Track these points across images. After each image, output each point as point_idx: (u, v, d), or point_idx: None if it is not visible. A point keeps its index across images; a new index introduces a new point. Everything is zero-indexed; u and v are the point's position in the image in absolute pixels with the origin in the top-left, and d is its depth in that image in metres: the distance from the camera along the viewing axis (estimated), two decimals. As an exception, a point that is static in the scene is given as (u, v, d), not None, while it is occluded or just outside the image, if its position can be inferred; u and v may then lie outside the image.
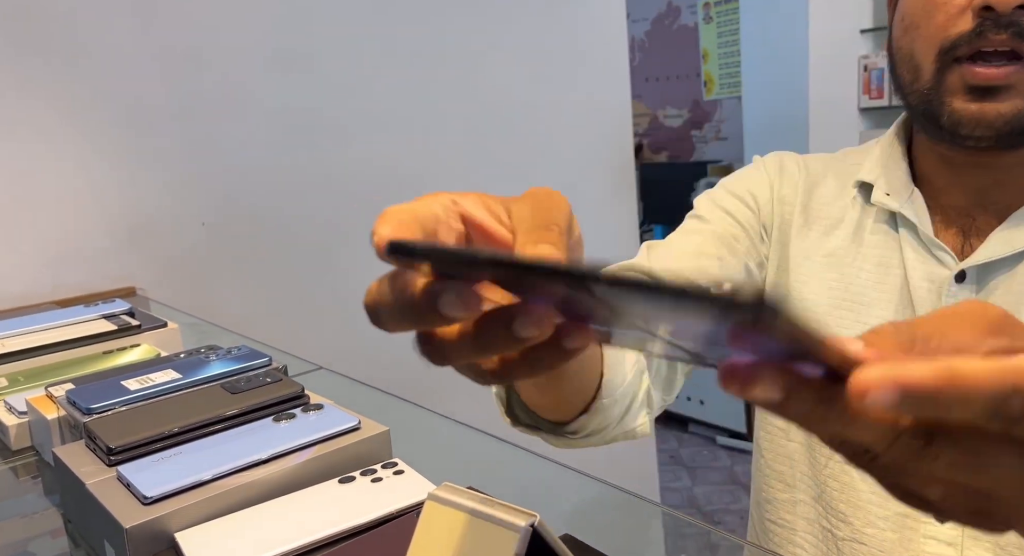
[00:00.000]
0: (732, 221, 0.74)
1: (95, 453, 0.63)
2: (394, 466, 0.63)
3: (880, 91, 2.56)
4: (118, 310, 1.04)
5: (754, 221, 0.75)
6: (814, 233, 0.73)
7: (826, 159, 0.77)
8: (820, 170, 0.76)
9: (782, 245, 0.74)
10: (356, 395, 0.92)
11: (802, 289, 0.71)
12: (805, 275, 0.72)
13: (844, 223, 0.72)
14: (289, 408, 0.70)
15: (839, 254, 0.71)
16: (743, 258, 0.73)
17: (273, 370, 0.78)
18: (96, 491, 0.58)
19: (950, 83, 0.60)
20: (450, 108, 1.79)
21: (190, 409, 0.68)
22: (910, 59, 0.63)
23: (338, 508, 0.57)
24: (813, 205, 0.74)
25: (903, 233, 0.68)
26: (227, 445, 0.63)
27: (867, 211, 0.71)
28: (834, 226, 0.72)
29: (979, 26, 0.57)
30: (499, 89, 1.85)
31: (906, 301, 0.66)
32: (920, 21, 0.61)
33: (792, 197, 0.75)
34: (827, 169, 0.76)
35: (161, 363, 0.80)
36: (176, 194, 1.46)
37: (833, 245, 0.71)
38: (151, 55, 1.40)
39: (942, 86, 0.60)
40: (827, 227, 0.72)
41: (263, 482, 0.59)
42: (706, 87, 3.53)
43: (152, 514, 0.54)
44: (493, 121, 1.85)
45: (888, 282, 0.68)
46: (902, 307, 0.66)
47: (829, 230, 0.72)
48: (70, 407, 0.70)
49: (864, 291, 0.68)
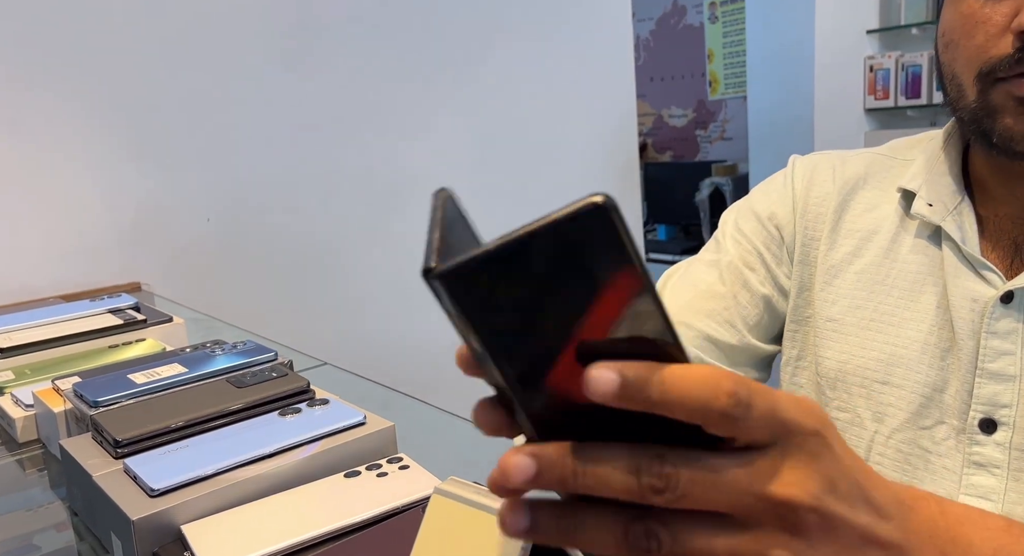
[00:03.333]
0: (749, 247, 0.72)
1: (102, 446, 0.64)
2: (399, 461, 0.63)
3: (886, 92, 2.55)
4: (124, 305, 1.04)
5: (772, 243, 0.72)
6: (844, 248, 0.69)
7: (869, 158, 0.72)
8: (859, 174, 0.71)
9: (804, 265, 0.71)
10: (361, 391, 0.92)
11: (829, 309, 0.68)
12: (833, 294, 0.68)
13: (878, 235, 0.68)
14: (295, 403, 0.70)
15: (870, 271, 0.67)
16: (758, 289, 0.71)
17: (279, 365, 0.78)
18: (103, 483, 0.58)
19: (996, 102, 0.58)
20: (456, 108, 1.79)
21: (196, 403, 0.68)
22: (952, 77, 0.61)
23: (344, 502, 0.57)
24: (847, 217, 0.70)
25: (946, 248, 0.63)
26: (233, 439, 0.63)
27: (907, 221, 0.67)
28: (867, 239, 0.68)
29: (1020, 50, 0.55)
30: (504, 89, 1.85)
31: (942, 322, 0.62)
32: (959, 39, 0.59)
33: (820, 212, 0.71)
34: (868, 171, 0.71)
35: (167, 357, 0.80)
36: (181, 190, 1.46)
37: (864, 262, 0.67)
38: (158, 52, 1.41)
39: (989, 105, 0.58)
40: (860, 240, 0.68)
41: (269, 476, 0.60)
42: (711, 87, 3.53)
43: (159, 506, 0.54)
44: (498, 121, 1.85)
45: (923, 302, 0.64)
46: (937, 328, 0.63)
47: (861, 244, 0.68)
48: (77, 400, 0.70)
49: (895, 312, 0.65)
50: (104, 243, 1.38)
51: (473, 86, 1.81)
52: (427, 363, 1.77)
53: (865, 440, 0.66)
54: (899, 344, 0.64)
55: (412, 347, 1.73)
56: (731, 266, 0.71)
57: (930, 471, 0.62)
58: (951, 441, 0.61)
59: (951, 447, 0.61)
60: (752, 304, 0.71)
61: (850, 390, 0.66)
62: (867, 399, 0.65)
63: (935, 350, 0.63)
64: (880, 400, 0.64)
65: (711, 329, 0.70)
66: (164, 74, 1.42)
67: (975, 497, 0.60)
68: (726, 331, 0.70)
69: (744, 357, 0.72)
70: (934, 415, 0.62)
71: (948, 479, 0.61)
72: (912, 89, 2.50)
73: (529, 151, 1.91)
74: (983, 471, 0.60)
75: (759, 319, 0.72)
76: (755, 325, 0.72)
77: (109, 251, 1.38)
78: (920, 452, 0.63)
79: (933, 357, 0.63)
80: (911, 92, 2.50)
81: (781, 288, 0.72)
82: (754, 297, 0.71)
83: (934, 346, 0.63)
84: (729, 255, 0.72)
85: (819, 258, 0.70)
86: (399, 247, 1.74)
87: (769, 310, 0.72)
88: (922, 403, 0.62)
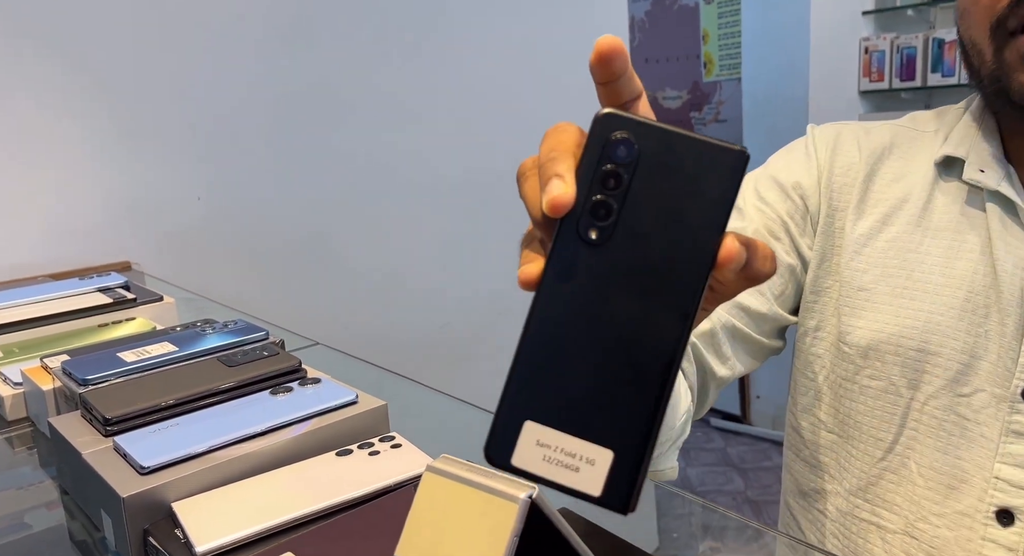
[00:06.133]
0: (772, 215, 0.71)
1: (91, 424, 0.63)
2: (392, 440, 0.63)
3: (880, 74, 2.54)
4: (113, 283, 1.03)
5: (796, 213, 0.71)
6: (873, 217, 0.68)
7: (893, 130, 0.73)
8: (885, 145, 0.71)
9: (827, 235, 0.70)
10: (354, 371, 0.92)
11: (860, 278, 0.67)
12: (864, 264, 0.68)
13: (908, 204, 0.67)
14: (286, 382, 0.69)
15: (902, 239, 0.67)
16: (783, 259, 0.70)
17: (270, 344, 0.77)
18: (92, 461, 0.57)
19: (1010, 59, 0.59)
20: (447, 87, 1.77)
21: (187, 381, 0.67)
22: (972, 45, 0.63)
23: (335, 480, 0.57)
24: (874, 188, 0.69)
25: (992, 214, 0.63)
26: (224, 417, 0.63)
27: (941, 188, 0.67)
28: (897, 208, 0.68)
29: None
30: (497, 68, 1.84)
31: (981, 288, 0.62)
32: (969, 7, 0.62)
33: (846, 182, 0.70)
34: (893, 142, 0.71)
35: (157, 336, 0.80)
36: (173, 169, 1.45)
37: (895, 230, 0.67)
38: (150, 31, 1.39)
39: (1005, 64, 0.60)
40: (889, 209, 0.68)
41: (260, 454, 0.59)
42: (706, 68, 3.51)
43: (149, 484, 0.54)
44: (491, 102, 1.83)
45: (959, 268, 0.64)
46: (975, 294, 0.63)
47: (891, 212, 0.68)
48: (66, 378, 0.70)
49: (930, 278, 0.65)
50: (94, 222, 1.37)
51: (465, 68, 1.79)
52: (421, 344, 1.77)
53: (901, 408, 0.65)
54: (935, 311, 0.64)
55: (404, 329, 1.73)
56: (756, 235, 0.70)
57: (967, 439, 0.62)
58: (990, 409, 0.61)
59: (990, 415, 0.61)
60: (778, 274, 0.71)
61: (884, 359, 0.66)
62: (902, 367, 0.65)
63: (973, 316, 0.62)
64: (916, 367, 0.64)
65: (742, 297, 0.69)
66: (155, 53, 1.40)
67: (1012, 466, 0.60)
68: (756, 300, 0.70)
69: (770, 326, 0.72)
70: (973, 382, 0.62)
71: (985, 447, 0.61)
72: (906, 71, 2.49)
73: (522, 133, 1.90)
74: (1022, 440, 0.60)
75: (783, 289, 0.71)
76: (779, 295, 0.71)
77: (99, 230, 1.37)
78: (956, 419, 0.63)
79: (971, 324, 0.62)
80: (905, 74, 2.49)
81: (803, 258, 0.72)
82: (780, 266, 0.70)
83: (971, 312, 0.63)
84: (754, 223, 0.71)
85: (846, 228, 0.69)
86: (392, 227, 1.73)
87: (793, 280, 0.72)
88: (960, 370, 0.62)
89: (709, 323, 0.68)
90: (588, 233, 0.28)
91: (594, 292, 0.28)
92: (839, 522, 0.71)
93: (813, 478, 0.74)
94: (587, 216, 0.28)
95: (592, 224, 0.28)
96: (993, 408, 0.61)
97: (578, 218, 0.28)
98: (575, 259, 0.28)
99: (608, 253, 0.28)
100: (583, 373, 0.28)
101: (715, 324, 0.68)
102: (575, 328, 0.28)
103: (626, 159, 0.28)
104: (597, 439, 0.27)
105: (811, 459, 0.74)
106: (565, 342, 0.28)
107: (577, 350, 0.28)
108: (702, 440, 3.04)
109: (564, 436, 0.27)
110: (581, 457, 0.27)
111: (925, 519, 0.64)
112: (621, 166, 0.28)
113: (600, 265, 0.28)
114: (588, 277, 0.28)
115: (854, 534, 0.70)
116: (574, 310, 0.28)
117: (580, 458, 0.27)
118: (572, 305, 0.28)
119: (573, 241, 0.28)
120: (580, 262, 0.28)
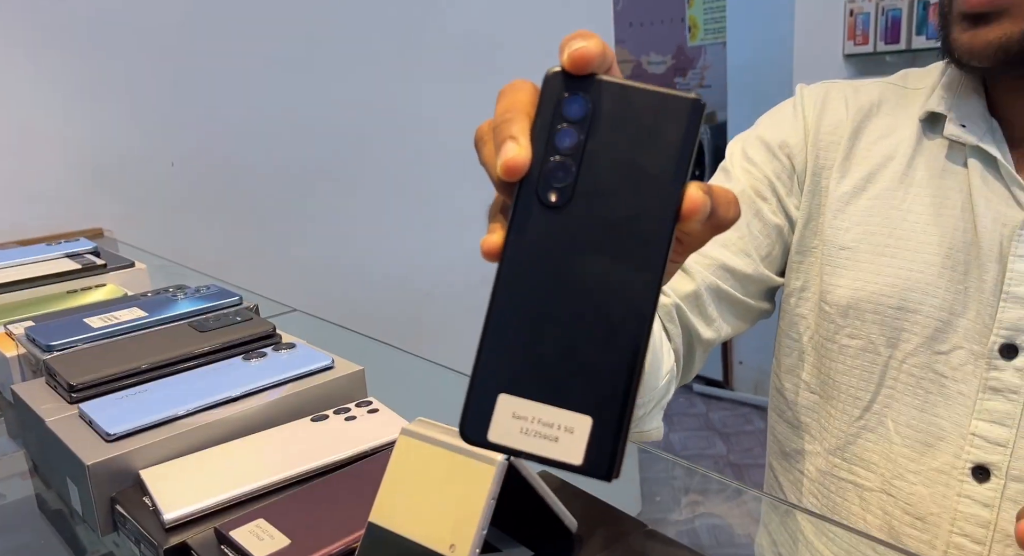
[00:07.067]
0: (760, 176, 0.70)
1: (56, 390, 0.61)
2: (368, 405, 0.61)
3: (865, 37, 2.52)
4: (82, 249, 1.00)
5: (783, 173, 0.70)
6: (857, 175, 0.68)
7: (881, 87, 0.72)
8: (872, 101, 0.71)
9: (813, 194, 0.70)
10: (331, 337, 0.90)
11: (843, 237, 0.67)
12: (846, 222, 0.67)
13: (893, 162, 0.67)
14: (260, 347, 0.68)
15: (884, 197, 0.66)
16: (770, 219, 0.69)
17: (244, 309, 0.75)
18: (56, 428, 0.55)
19: (953, 14, 0.60)
20: (425, 47, 1.73)
21: (156, 347, 0.65)
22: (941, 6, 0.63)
23: (310, 446, 0.55)
24: (860, 145, 0.69)
25: (973, 170, 0.63)
26: (195, 383, 0.61)
27: (925, 146, 0.66)
28: (881, 165, 0.67)
29: None
30: (477, 29, 1.80)
31: (962, 245, 0.62)
32: None
33: (833, 140, 0.70)
34: (881, 99, 0.71)
35: (127, 302, 0.78)
36: (144, 132, 1.41)
37: (879, 188, 0.67)
38: (113, -16, 1.34)
39: (949, 18, 0.61)
40: (874, 166, 0.68)
41: (232, 420, 0.58)
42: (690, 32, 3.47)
43: (115, 451, 0.52)
44: (470, 59, 1.79)
45: (941, 225, 0.63)
46: (956, 251, 0.62)
47: (875, 170, 0.67)
48: (30, 344, 0.68)
49: (911, 235, 0.64)
50: (64, 188, 1.33)
51: (450, 29, 1.75)
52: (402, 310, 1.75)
53: (879, 366, 0.65)
54: (915, 268, 0.64)
55: (382, 296, 1.71)
56: (743, 195, 0.69)
57: (944, 396, 0.62)
58: (968, 366, 0.61)
59: (968, 372, 0.61)
60: (764, 234, 0.70)
61: (863, 317, 0.65)
62: (880, 325, 0.65)
63: (952, 273, 0.62)
64: (894, 325, 0.64)
65: (726, 258, 0.68)
66: (124, 11, 1.35)
67: (989, 422, 0.60)
68: (741, 260, 0.69)
69: (756, 288, 0.71)
70: (951, 339, 0.62)
71: (962, 404, 0.61)
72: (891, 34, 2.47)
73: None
74: (999, 396, 0.60)
75: (770, 250, 0.71)
76: (766, 256, 0.70)
77: (69, 196, 1.33)
78: (934, 377, 0.63)
79: (951, 281, 0.62)
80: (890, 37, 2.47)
81: (790, 218, 0.71)
82: (766, 227, 0.70)
83: (951, 269, 0.62)
84: (741, 184, 0.70)
85: (830, 187, 0.69)
86: (370, 191, 1.70)
87: (780, 241, 0.71)
88: (938, 327, 0.62)
89: (693, 284, 0.67)
90: (548, 196, 0.27)
91: (559, 256, 0.27)
92: (818, 482, 0.71)
93: (795, 439, 0.74)
94: (545, 178, 0.27)
95: (551, 186, 0.27)
96: (971, 365, 0.61)
97: (536, 181, 0.27)
98: (537, 224, 0.27)
99: (570, 215, 0.27)
100: (554, 340, 0.27)
101: (699, 285, 0.67)
102: (542, 295, 0.27)
103: (580, 116, 0.28)
104: (574, 406, 0.26)
105: (793, 420, 0.74)
106: (533, 310, 0.27)
107: (546, 317, 0.27)
108: (684, 405, 3.06)
109: (540, 406, 0.26)
110: (559, 426, 0.26)
111: (901, 477, 0.64)
112: (575, 124, 0.28)
113: (563, 228, 0.27)
114: (552, 241, 0.27)
115: (832, 493, 0.70)
116: (540, 276, 0.27)
117: (558, 427, 0.26)
118: (537, 271, 0.27)
119: (533, 205, 0.27)
120: (542, 226, 0.27)
